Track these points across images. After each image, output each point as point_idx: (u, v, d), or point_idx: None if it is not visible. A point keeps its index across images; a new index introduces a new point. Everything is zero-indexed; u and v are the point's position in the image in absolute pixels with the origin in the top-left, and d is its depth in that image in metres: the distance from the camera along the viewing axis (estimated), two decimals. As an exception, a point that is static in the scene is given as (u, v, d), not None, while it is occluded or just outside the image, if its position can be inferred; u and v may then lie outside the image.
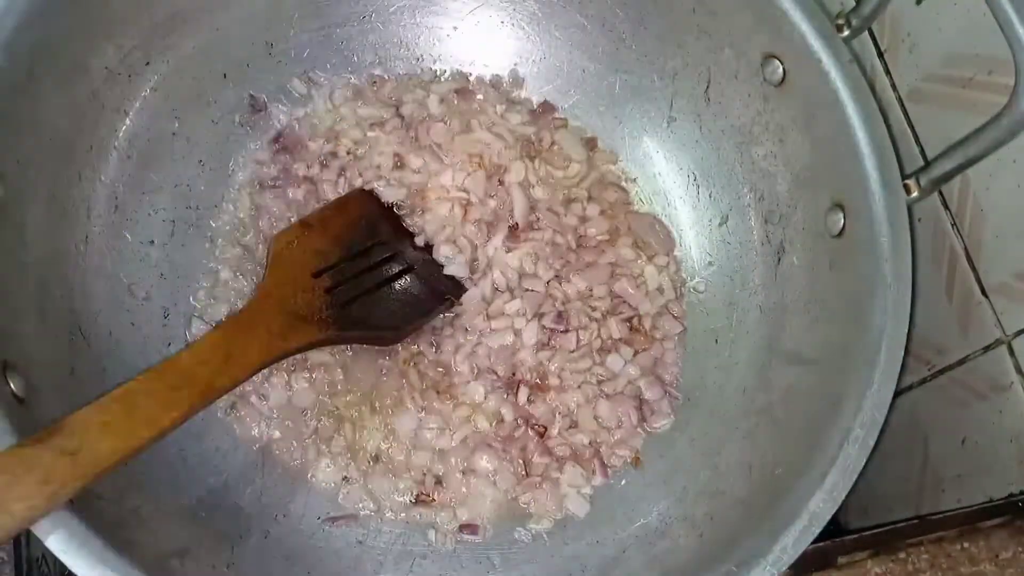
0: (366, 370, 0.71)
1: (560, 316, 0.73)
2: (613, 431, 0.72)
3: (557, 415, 0.71)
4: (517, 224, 0.75)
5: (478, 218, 0.75)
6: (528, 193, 0.77)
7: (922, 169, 0.62)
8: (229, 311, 0.71)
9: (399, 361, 0.71)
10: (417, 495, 0.69)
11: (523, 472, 0.70)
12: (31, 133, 0.61)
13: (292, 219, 0.74)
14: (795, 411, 0.65)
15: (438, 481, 0.69)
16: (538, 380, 0.72)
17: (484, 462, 0.69)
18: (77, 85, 0.65)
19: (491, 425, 0.70)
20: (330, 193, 0.75)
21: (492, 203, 0.76)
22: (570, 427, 0.71)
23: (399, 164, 0.77)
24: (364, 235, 0.72)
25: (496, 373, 0.71)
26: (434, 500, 0.69)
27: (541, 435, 0.70)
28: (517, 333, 0.72)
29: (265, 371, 0.70)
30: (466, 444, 0.70)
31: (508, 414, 0.70)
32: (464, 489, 0.69)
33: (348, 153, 0.77)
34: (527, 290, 0.74)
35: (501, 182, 0.77)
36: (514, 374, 0.72)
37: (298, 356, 0.70)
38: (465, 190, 0.76)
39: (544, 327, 0.73)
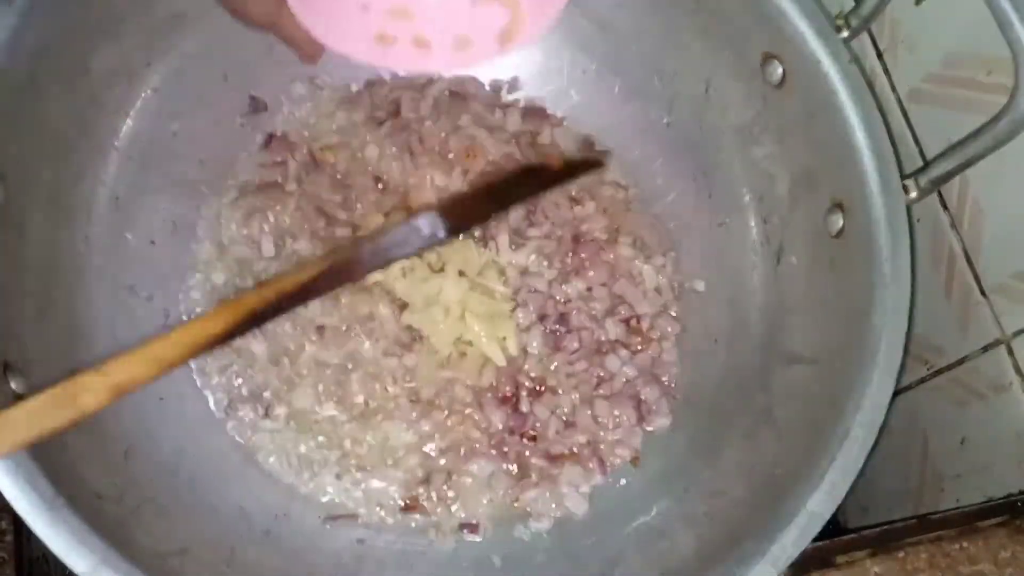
0: (363, 375, 0.71)
1: (562, 317, 0.73)
2: (611, 431, 0.72)
3: (553, 416, 0.71)
4: (514, 221, 0.76)
5: (478, 218, 0.76)
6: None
7: (921, 169, 0.62)
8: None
9: (395, 367, 0.72)
10: (408, 500, 0.69)
11: (519, 474, 0.70)
12: (31, 133, 0.61)
13: (288, 221, 0.74)
14: (795, 411, 0.65)
15: (433, 484, 0.69)
16: (537, 387, 0.72)
17: (478, 467, 0.69)
18: (78, 85, 0.65)
19: (482, 434, 0.70)
20: (325, 196, 0.75)
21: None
22: (567, 427, 0.71)
23: (394, 166, 0.77)
24: None
25: (497, 390, 0.71)
26: (425, 506, 0.69)
27: (533, 440, 0.70)
28: (523, 348, 0.72)
29: (262, 371, 0.70)
30: (459, 450, 0.70)
31: (498, 423, 0.70)
32: (460, 492, 0.69)
33: (345, 154, 0.77)
34: (531, 290, 0.74)
35: (499, 166, 0.77)
36: (516, 389, 0.72)
37: (296, 362, 0.70)
38: (462, 190, 0.76)
39: (547, 329, 0.73)
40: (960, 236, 0.66)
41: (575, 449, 0.71)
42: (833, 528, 0.56)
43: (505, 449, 0.70)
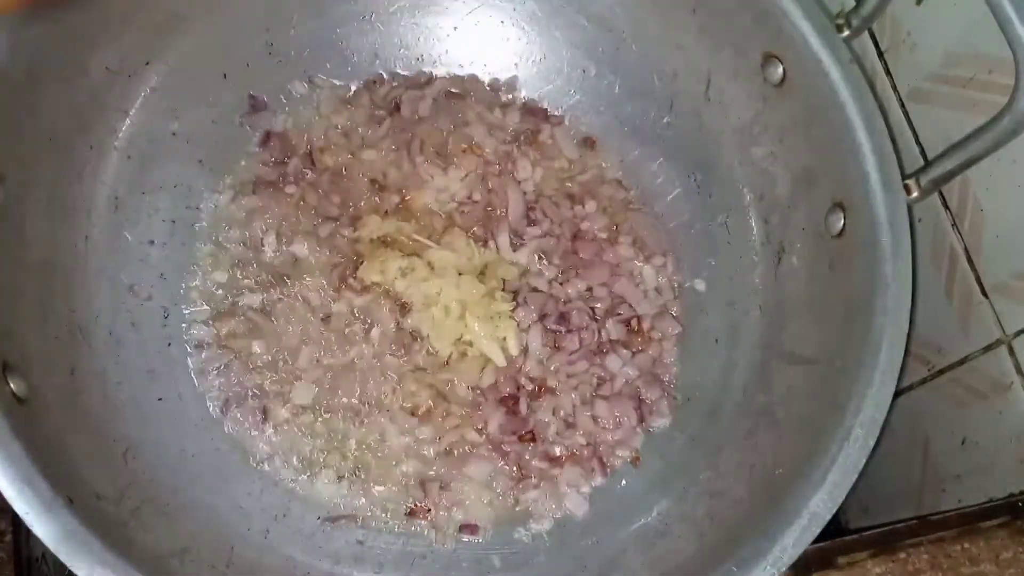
0: (362, 376, 0.71)
1: (563, 317, 0.73)
2: (612, 431, 0.72)
3: (553, 417, 0.71)
4: (514, 220, 0.76)
5: (477, 215, 0.76)
6: (525, 187, 0.77)
7: (922, 169, 0.62)
8: (223, 311, 0.71)
9: (395, 367, 0.72)
10: (412, 507, 0.69)
11: (519, 475, 0.70)
12: (31, 133, 0.61)
13: (288, 221, 0.74)
14: (795, 411, 0.65)
15: (431, 488, 0.69)
16: (537, 387, 0.72)
17: (478, 469, 0.69)
18: (77, 85, 0.65)
19: (481, 435, 0.70)
20: (324, 196, 0.75)
21: (489, 201, 0.76)
22: (567, 428, 0.71)
23: (393, 166, 0.76)
24: None
25: (497, 391, 0.71)
26: (428, 511, 0.69)
27: (532, 441, 0.70)
28: (523, 350, 0.72)
29: (261, 371, 0.70)
30: (459, 452, 0.70)
31: (497, 425, 0.70)
32: (460, 494, 0.69)
33: (344, 154, 0.77)
34: (531, 290, 0.74)
35: (497, 174, 0.77)
36: (516, 390, 0.72)
37: (295, 363, 0.70)
38: (461, 190, 0.76)
39: (547, 328, 0.73)
40: (961, 236, 0.65)
41: (575, 450, 0.71)
42: (834, 529, 0.56)
43: (505, 450, 0.70)
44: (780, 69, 0.67)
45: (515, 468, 0.70)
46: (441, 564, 0.68)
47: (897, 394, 0.62)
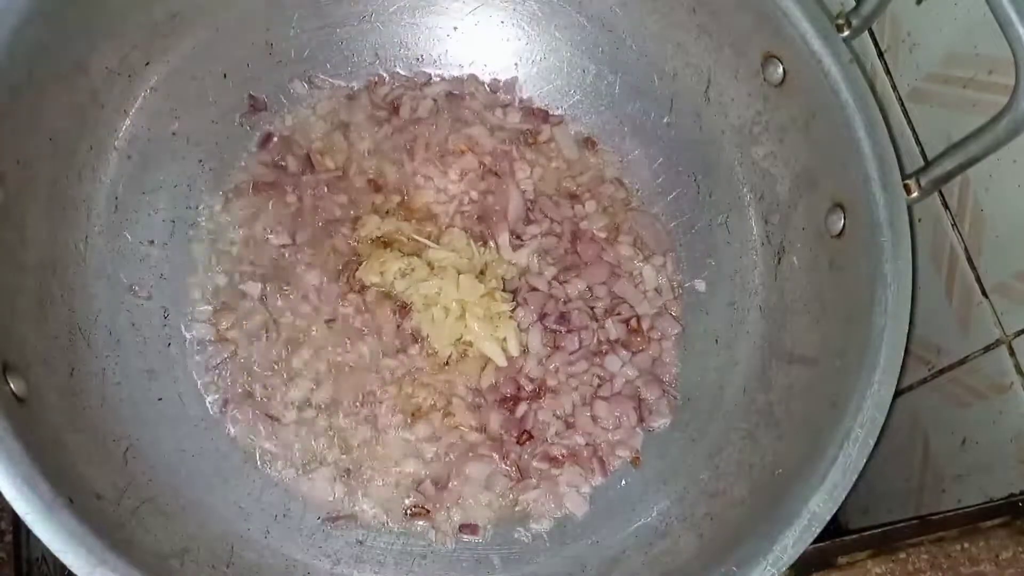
0: (361, 376, 0.71)
1: (563, 317, 0.73)
2: (612, 431, 0.72)
3: (554, 418, 0.71)
4: (514, 220, 0.76)
5: (477, 215, 0.76)
6: (525, 187, 0.77)
7: (922, 169, 0.62)
8: (223, 312, 0.71)
9: (394, 368, 0.72)
10: (412, 508, 0.69)
11: (518, 475, 0.70)
12: (31, 133, 0.61)
13: (287, 221, 0.74)
14: (795, 411, 0.65)
15: (431, 488, 0.69)
16: (537, 387, 0.72)
17: (477, 469, 0.69)
18: (77, 85, 0.65)
19: (481, 436, 0.70)
20: (323, 196, 0.75)
21: (488, 201, 0.76)
22: (567, 428, 0.71)
23: (393, 166, 0.76)
24: None
25: (497, 392, 0.71)
26: (428, 511, 0.69)
27: (530, 440, 0.70)
28: (523, 350, 0.72)
29: (261, 371, 0.70)
30: (459, 453, 0.70)
31: (497, 425, 0.70)
32: (460, 494, 0.69)
33: (343, 154, 0.77)
34: (531, 290, 0.74)
35: (497, 174, 0.77)
36: (516, 390, 0.72)
37: (294, 363, 0.70)
38: (461, 190, 0.76)
39: (547, 328, 0.73)
40: (961, 236, 0.65)
41: (575, 450, 0.71)
42: (834, 529, 0.56)
43: (505, 450, 0.70)
44: (780, 69, 0.67)
45: (515, 468, 0.70)
46: (441, 564, 0.68)
47: (897, 394, 0.62)
